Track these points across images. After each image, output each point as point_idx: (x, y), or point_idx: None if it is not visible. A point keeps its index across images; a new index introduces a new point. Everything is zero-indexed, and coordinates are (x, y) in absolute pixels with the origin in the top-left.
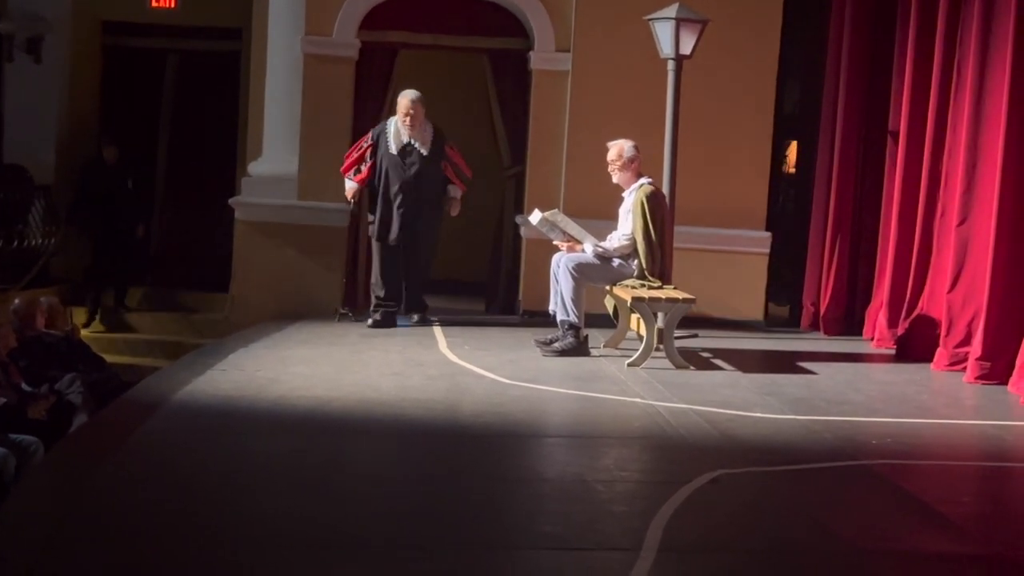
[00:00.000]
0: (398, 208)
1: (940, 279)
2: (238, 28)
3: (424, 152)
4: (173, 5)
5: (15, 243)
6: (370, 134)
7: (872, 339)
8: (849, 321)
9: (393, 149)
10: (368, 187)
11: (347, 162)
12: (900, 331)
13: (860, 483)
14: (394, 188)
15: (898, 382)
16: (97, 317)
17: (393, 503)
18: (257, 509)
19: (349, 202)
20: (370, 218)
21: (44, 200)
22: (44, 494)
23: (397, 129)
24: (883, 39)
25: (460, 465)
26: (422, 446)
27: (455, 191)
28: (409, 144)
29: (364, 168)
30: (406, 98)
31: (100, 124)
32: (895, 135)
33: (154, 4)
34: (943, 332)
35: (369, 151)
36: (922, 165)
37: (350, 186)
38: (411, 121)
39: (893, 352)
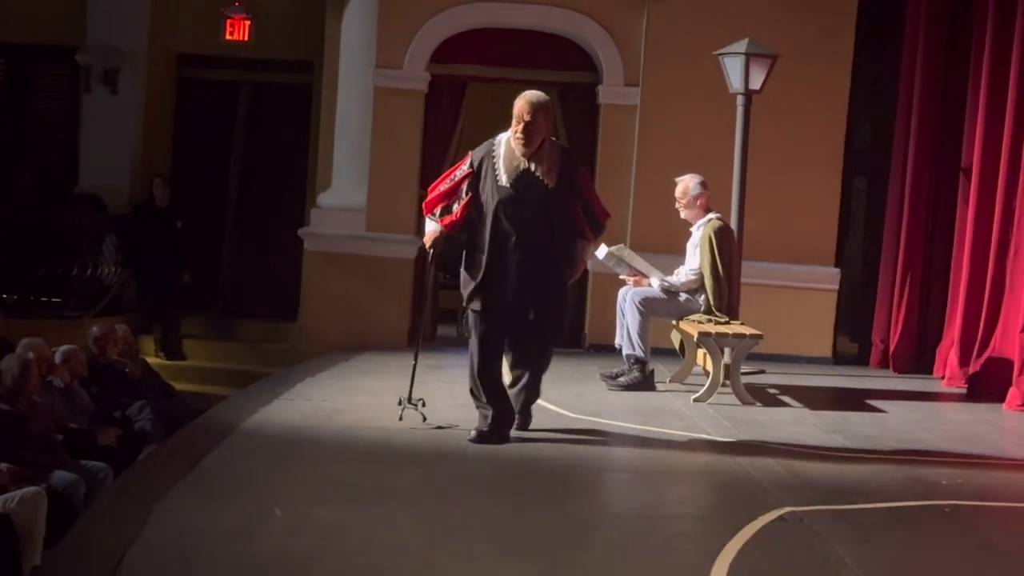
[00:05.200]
0: (514, 267)
1: (1013, 317)
2: (310, 61)
3: (550, 183)
4: (246, 38)
5: (88, 271)
6: (469, 157)
7: (943, 377)
8: (919, 359)
9: (504, 179)
10: (462, 234)
11: (431, 195)
12: (971, 370)
13: (931, 524)
14: (506, 238)
15: (969, 421)
16: (159, 347)
17: (457, 535)
18: (323, 536)
19: (428, 250)
20: (465, 283)
21: (117, 230)
22: (113, 520)
23: (510, 150)
24: (956, 74)
25: (523, 499)
26: (487, 479)
27: (582, 245)
28: (528, 171)
29: (457, 207)
30: (523, 99)
31: (173, 155)
32: (967, 171)
33: (228, 37)
34: (1016, 371)
35: (467, 182)
36: (995, 202)
37: (432, 229)
38: (526, 134)
39: (964, 391)
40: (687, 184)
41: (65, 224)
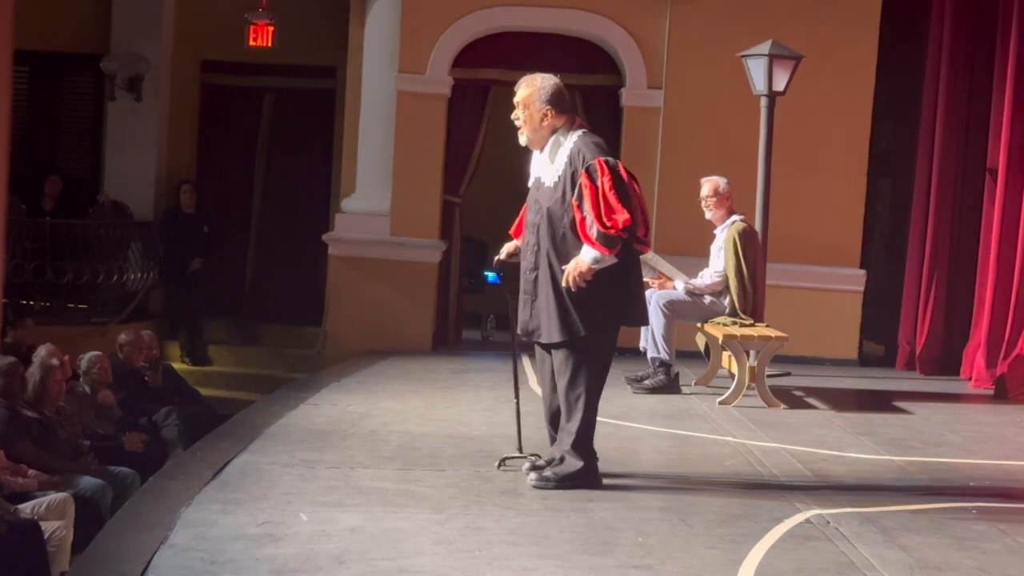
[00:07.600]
0: (521, 278)
1: None
2: (333, 66)
3: (547, 181)
4: (270, 44)
5: (114, 278)
6: None
7: (970, 379)
8: (946, 361)
9: (530, 181)
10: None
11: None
12: (999, 371)
13: (958, 526)
14: (524, 245)
15: (996, 423)
16: (184, 352)
17: (481, 538)
18: (349, 540)
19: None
20: None
21: (143, 236)
22: (140, 525)
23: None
24: (981, 74)
25: (548, 503)
26: (511, 482)
27: (578, 258)
28: (538, 167)
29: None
30: (517, 84)
31: (197, 162)
32: (993, 172)
33: (252, 43)
34: None
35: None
36: (1021, 202)
37: (506, 246)
38: (520, 123)
39: (991, 392)
40: (715, 184)
41: (91, 231)
